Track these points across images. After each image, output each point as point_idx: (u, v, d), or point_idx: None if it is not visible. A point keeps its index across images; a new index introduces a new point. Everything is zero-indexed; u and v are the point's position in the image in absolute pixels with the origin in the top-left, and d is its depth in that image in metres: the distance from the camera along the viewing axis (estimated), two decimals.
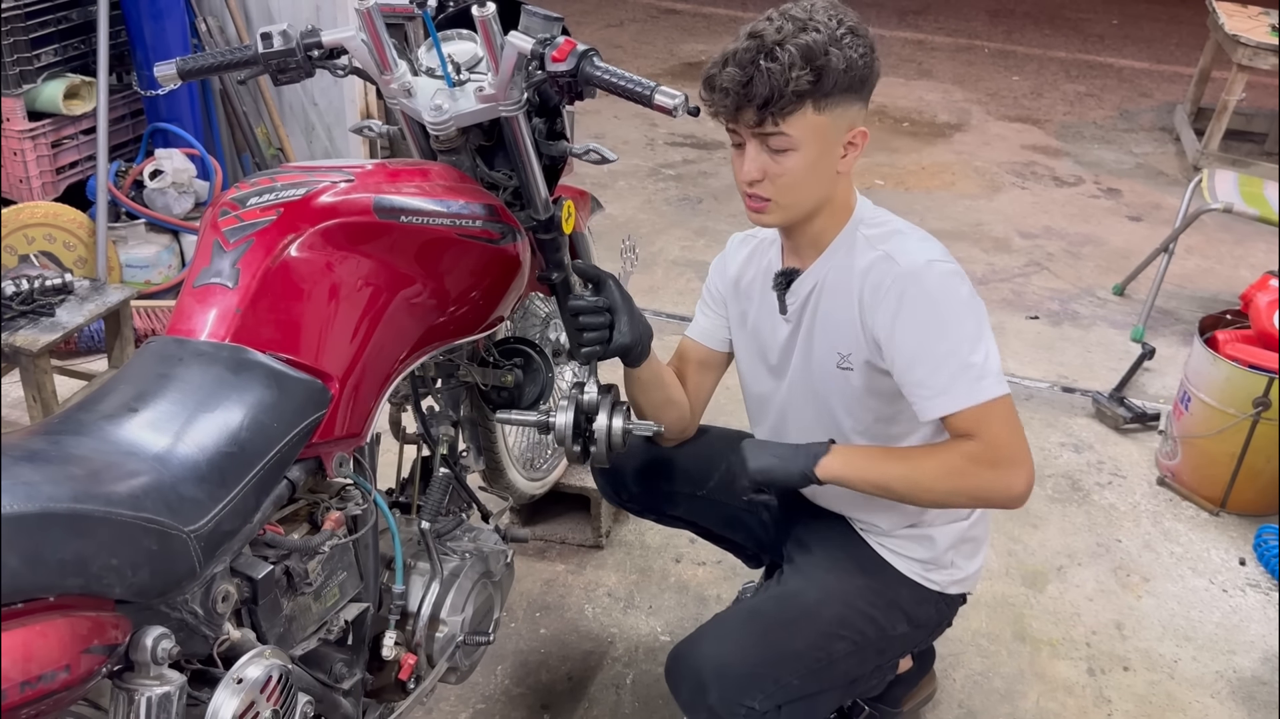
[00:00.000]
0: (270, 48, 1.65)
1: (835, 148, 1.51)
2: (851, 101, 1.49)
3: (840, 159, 1.53)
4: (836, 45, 1.45)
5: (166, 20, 2.95)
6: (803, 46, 1.44)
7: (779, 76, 1.43)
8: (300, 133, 3.31)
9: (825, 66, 1.44)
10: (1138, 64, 6.41)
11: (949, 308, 1.49)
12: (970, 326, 1.49)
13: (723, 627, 1.63)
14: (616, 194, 4.27)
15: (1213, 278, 3.82)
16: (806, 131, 1.47)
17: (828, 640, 1.60)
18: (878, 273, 1.53)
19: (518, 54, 1.55)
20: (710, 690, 1.52)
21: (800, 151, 1.49)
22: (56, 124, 2.97)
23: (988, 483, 1.48)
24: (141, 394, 1.17)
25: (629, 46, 6.23)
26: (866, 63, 1.49)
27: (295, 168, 1.45)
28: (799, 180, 1.51)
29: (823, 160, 1.51)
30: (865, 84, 1.50)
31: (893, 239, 1.56)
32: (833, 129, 1.49)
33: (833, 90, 1.45)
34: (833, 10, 1.49)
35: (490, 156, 1.75)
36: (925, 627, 1.73)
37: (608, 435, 1.68)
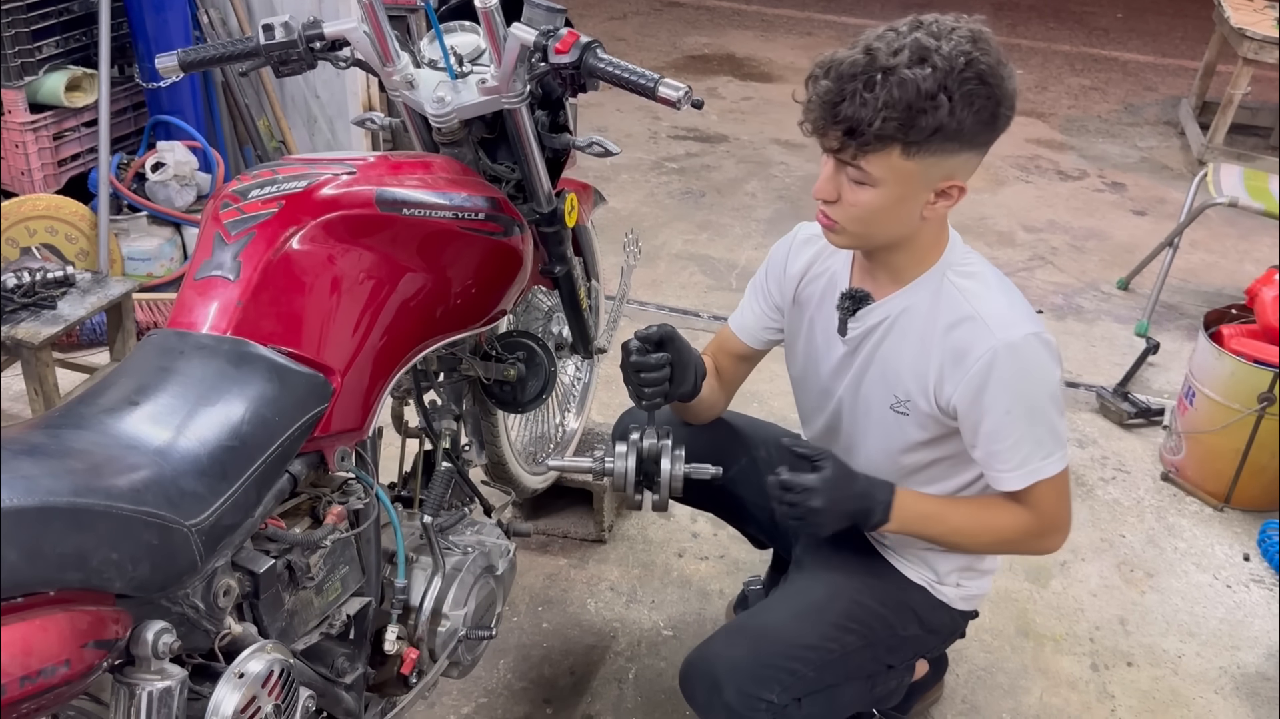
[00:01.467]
0: (272, 39, 1.65)
1: (921, 194, 1.40)
2: (954, 152, 1.35)
3: (927, 205, 1.41)
4: (948, 93, 1.29)
5: (168, 12, 2.94)
6: (908, 84, 1.29)
7: (869, 110, 1.30)
8: (302, 125, 3.30)
9: (925, 114, 1.29)
10: (1142, 58, 6.38)
11: (1040, 390, 1.45)
12: (1055, 407, 1.46)
13: (733, 627, 1.64)
14: (619, 187, 4.26)
15: (1217, 272, 3.80)
16: (888, 173, 1.36)
17: (839, 632, 1.59)
18: (967, 336, 1.45)
19: (520, 46, 1.54)
20: (726, 688, 1.52)
21: (878, 190, 1.38)
22: (58, 116, 2.97)
23: (1030, 547, 1.58)
24: (142, 387, 1.17)
25: (632, 39, 6.22)
26: (985, 118, 1.33)
27: (297, 160, 1.44)
28: (871, 217, 1.42)
29: (903, 205, 1.41)
30: (977, 137, 1.36)
31: (983, 298, 1.47)
32: (921, 176, 1.37)
33: (929, 140, 1.32)
34: (969, 46, 1.31)
35: (493, 149, 1.74)
36: (938, 632, 1.73)
37: (669, 481, 1.61)
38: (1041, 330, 1.45)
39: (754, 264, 3.75)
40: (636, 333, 1.62)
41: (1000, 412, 1.44)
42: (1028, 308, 1.49)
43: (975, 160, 1.41)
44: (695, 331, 3.30)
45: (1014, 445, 1.46)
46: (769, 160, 4.65)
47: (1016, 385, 1.43)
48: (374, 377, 1.38)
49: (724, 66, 5.85)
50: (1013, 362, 1.42)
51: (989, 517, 1.54)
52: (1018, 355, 1.42)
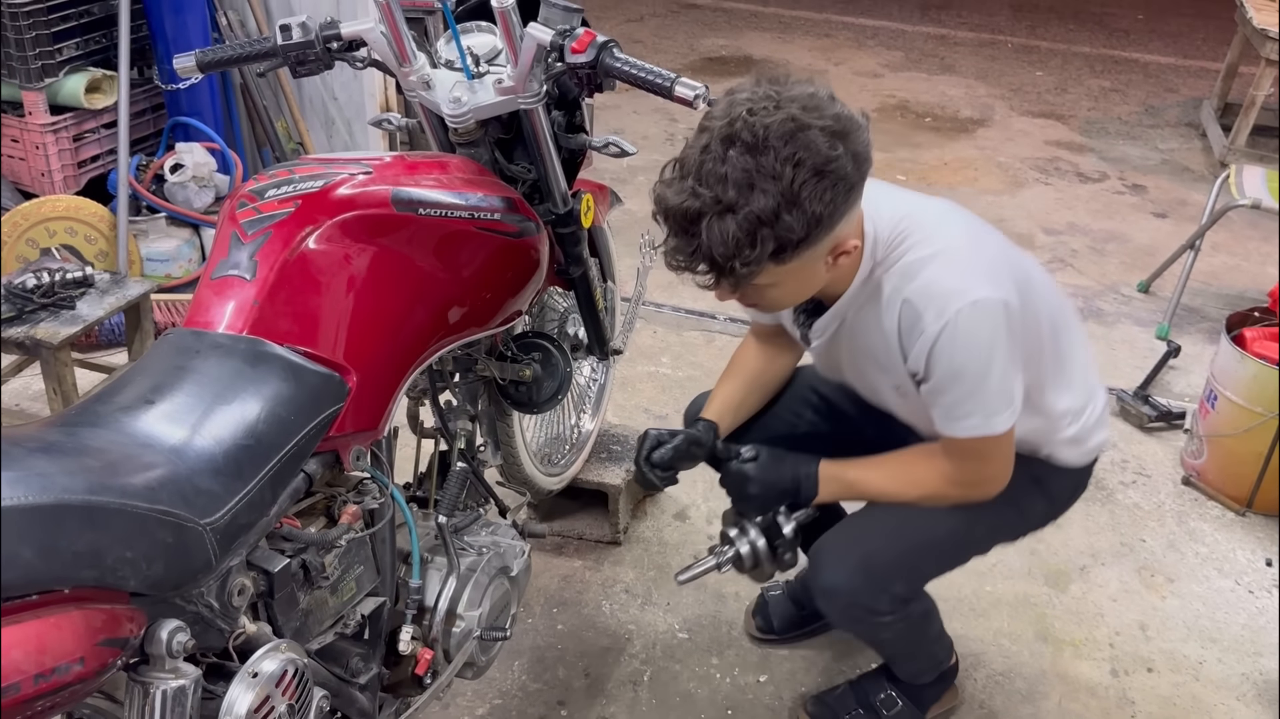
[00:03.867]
0: (289, 40, 1.65)
1: (818, 266, 1.42)
2: (828, 233, 1.36)
3: (830, 265, 1.44)
4: (790, 205, 1.29)
5: (187, 14, 2.96)
6: (748, 219, 1.29)
7: (723, 253, 1.31)
8: (320, 127, 3.32)
9: (777, 233, 1.30)
10: (1163, 59, 6.33)
11: (975, 354, 1.47)
12: (996, 367, 1.48)
13: (865, 520, 1.72)
14: (636, 189, 4.25)
15: (1239, 275, 3.76)
16: (776, 276, 1.38)
17: (969, 525, 1.68)
18: (906, 319, 1.49)
19: (537, 45, 1.54)
20: (856, 578, 1.64)
21: (775, 288, 1.42)
22: (78, 118, 2.98)
23: (957, 498, 1.62)
24: (158, 386, 1.17)
25: (649, 41, 6.21)
26: (839, 197, 1.32)
27: (313, 160, 1.44)
28: (780, 304, 1.52)
29: (807, 282, 1.46)
30: (838, 211, 1.34)
31: (912, 278, 1.48)
32: (808, 262, 1.39)
33: (796, 246, 1.33)
34: (790, 146, 1.28)
35: (509, 149, 1.74)
36: (1059, 499, 1.78)
37: (794, 539, 1.70)
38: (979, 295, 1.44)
39: None
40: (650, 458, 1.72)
41: (943, 378, 1.49)
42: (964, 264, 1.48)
43: (854, 215, 1.41)
44: (712, 333, 3.29)
45: (955, 403, 1.50)
46: None
47: (953, 357, 1.46)
48: (390, 376, 1.37)
49: (741, 68, 5.83)
50: (945, 337, 1.45)
51: (912, 474, 1.64)
52: (947, 331, 1.44)
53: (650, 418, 2.86)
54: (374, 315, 1.34)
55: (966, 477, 1.59)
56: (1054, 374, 1.63)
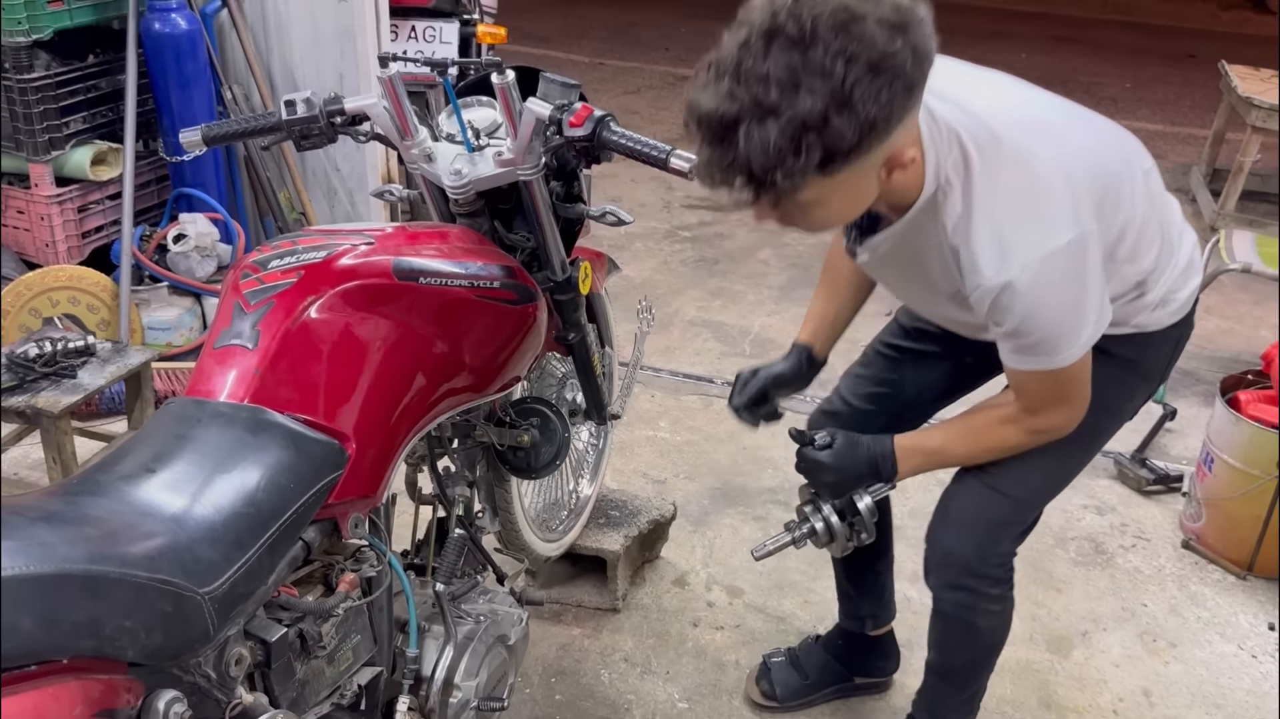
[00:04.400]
0: (294, 115, 1.68)
1: (870, 180, 1.28)
2: (882, 139, 1.20)
3: (884, 180, 1.29)
4: (841, 106, 1.14)
5: (193, 88, 3.02)
6: (793, 122, 1.14)
7: (762, 163, 1.17)
8: (322, 197, 3.37)
9: (824, 139, 1.15)
10: (1152, 126, 6.44)
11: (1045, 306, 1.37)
12: (1071, 310, 1.39)
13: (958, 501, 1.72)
14: (634, 255, 4.30)
15: (1233, 338, 3.79)
16: (822, 192, 1.24)
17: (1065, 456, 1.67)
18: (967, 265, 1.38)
19: (536, 120, 1.58)
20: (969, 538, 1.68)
21: (822, 208, 1.28)
22: (83, 189, 3.03)
23: (1039, 442, 1.57)
24: (159, 455, 1.18)
25: (646, 112, 6.32)
26: (897, 95, 1.16)
27: (317, 231, 1.47)
28: (828, 224, 1.37)
29: (856, 198, 1.31)
30: (898, 112, 1.18)
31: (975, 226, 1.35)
32: (858, 175, 1.24)
33: (845, 155, 1.18)
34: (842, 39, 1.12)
35: (509, 218, 1.77)
36: (1155, 369, 1.69)
37: (869, 516, 1.70)
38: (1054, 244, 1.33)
39: (767, 331, 3.77)
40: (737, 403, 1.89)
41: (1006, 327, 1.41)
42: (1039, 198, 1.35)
43: (912, 120, 1.26)
44: (710, 397, 3.30)
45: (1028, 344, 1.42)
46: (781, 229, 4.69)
47: (1021, 311, 1.37)
48: (388, 443, 1.38)
49: None
50: (1014, 298, 1.35)
51: (989, 430, 1.60)
52: (1018, 291, 1.34)
53: (648, 482, 2.86)
54: (374, 383, 1.35)
55: (1044, 420, 1.53)
56: (1131, 247, 1.49)
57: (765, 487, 2.87)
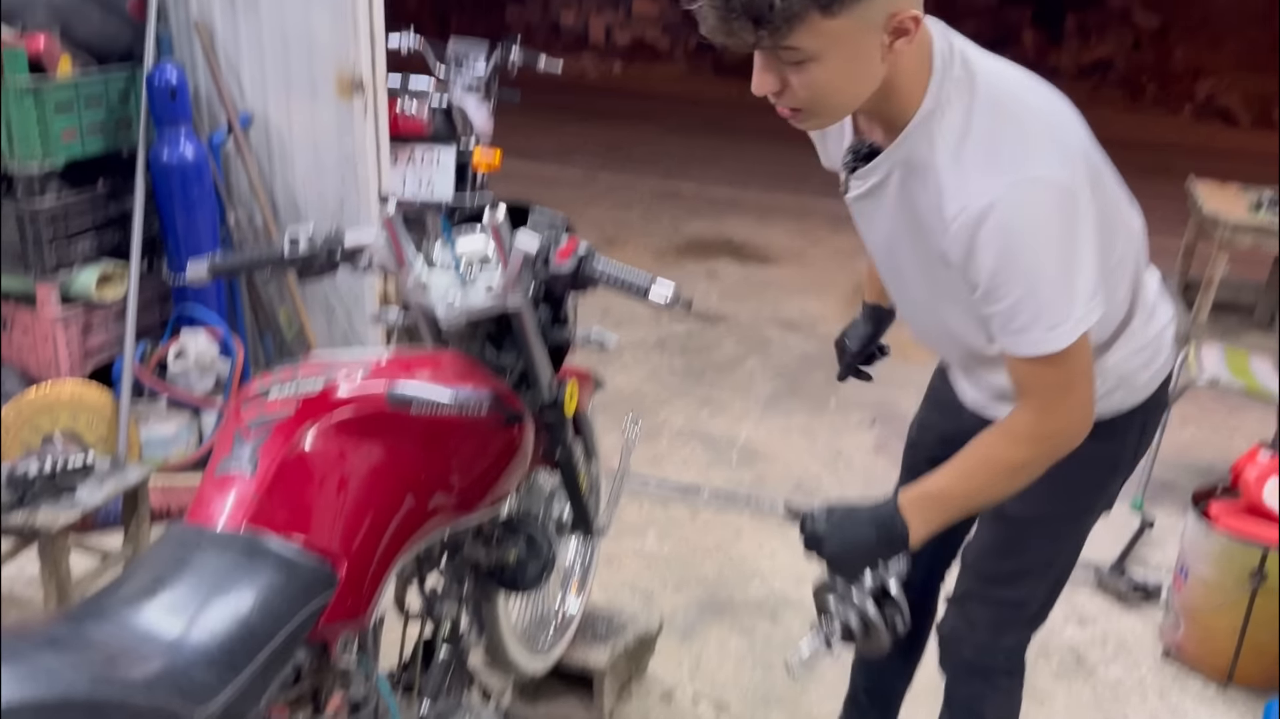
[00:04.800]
0: (296, 250, 1.78)
1: (870, 42, 1.25)
2: None
3: (887, 49, 1.26)
4: None
5: (198, 212, 3.14)
6: None
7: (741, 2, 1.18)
8: (321, 314, 3.46)
9: None
10: None
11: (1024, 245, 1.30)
12: (1050, 266, 1.31)
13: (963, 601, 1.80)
14: (624, 366, 4.40)
15: (1209, 448, 3.87)
16: (822, 40, 1.22)
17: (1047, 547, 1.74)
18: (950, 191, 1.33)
19: (525, 254, 1.68)
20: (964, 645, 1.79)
21: (820, 62, 1.24)
22: (88, 309, 3.12)
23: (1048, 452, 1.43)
24: (159, 579, 1.24)
25: (637, 225, 6.50)
26: None
27: (316, 361, 1.55)
28: (826, 91, 1.29)
29: (857, 61, 1.26)
30: None
31: (969, 144, 1.32)
32: (859, 28, 1.23)
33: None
34: None
35: (498, 341, 1.86)
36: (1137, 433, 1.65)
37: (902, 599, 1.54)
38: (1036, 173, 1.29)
39: (753, 441, 3.84)
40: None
41: (989, 276, 1.32)
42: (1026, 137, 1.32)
43: None
44: (698, 508, 3.35)
45: (1011, 309, 1.33)
46: (767, 339, 4.80)
47: (999, 247, 1.30)
48: (378, 565, 1.44)
49: (723, 250, 6.10)
50: (993, 224, 1.29)
51: (992, 454, 1.45)
52: (998, 216, 1.28)
53: (635, 594, 2.89)
54: (365, 508, 1.42)
55: (1051, 420, 1.41)
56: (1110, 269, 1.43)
57: (752, 598, 2.90)
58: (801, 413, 4.06)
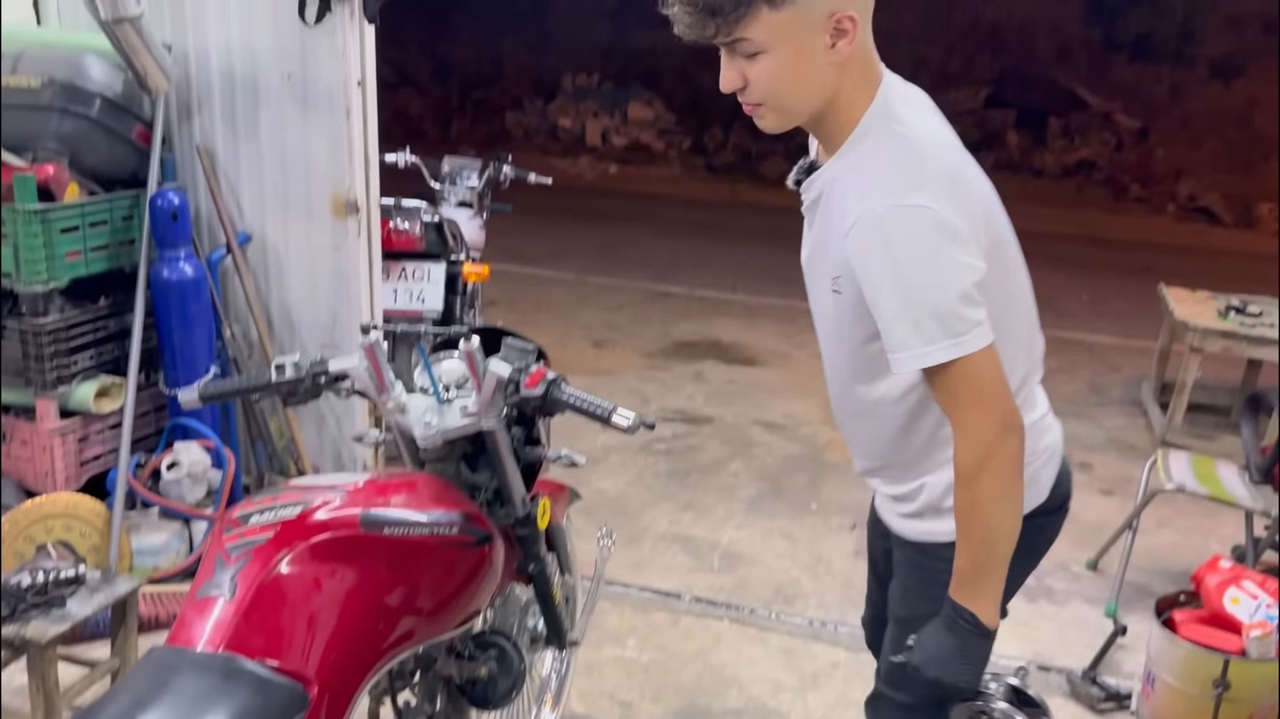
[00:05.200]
0: (283, 377, 1.90)
1: (815, 39, 1.43)
2: None
3: (829, 49, 1.44)
4: None
5: (196, 328, 3.26)
6: None
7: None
8: (312, 425, 3.57)
9: None
10: (1108, 339, 6.78)
11: (906, 259, 1.42)
12: (925, 278, 1.41)
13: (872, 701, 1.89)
14: (609, 469, 4.48)
15: (1183, 552, 3.93)
16: (770, 32, 1.41)
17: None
18: (851, 203, 1.47)
19: (497, 379, 1.80)
20: None
21: (771, 54, 1.43)
22: (85, 421, 3.22)
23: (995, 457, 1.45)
24: (140, 702, 1.32)
25: (627, 328, 6.64)
26: None
27: (295, 486, 1.65)
28: (779, 82, 1.46)
29: (803, 57, 1.44)
30: None
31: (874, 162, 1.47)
32: (803, 22, 1.41)
33: None
34: None
35: (473, 461, 1.96)
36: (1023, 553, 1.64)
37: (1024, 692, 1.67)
38: (907, 204, 1.41)
39: (736, 544, 3.90)
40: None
41: (872, 286, 1.45)
42: (917, 170, 1.45)
43: None
44: (678, 613, 3.40)
45: (886, 325, 1.45)
46: (751, 441, 4.89)
47: (874, 259, 1.42)
48: (349, 683, 1.52)
49: (710, 351, 6.23)
50: (870, 232, 1.42)
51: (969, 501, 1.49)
52: (876, 227, 1.41)
53: (614, 704, 2.92)
54: (337, 629, 1.50)
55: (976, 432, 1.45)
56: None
57: (730, 708, 2.94)
58: (784, 515, 4.13)
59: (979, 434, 1.45)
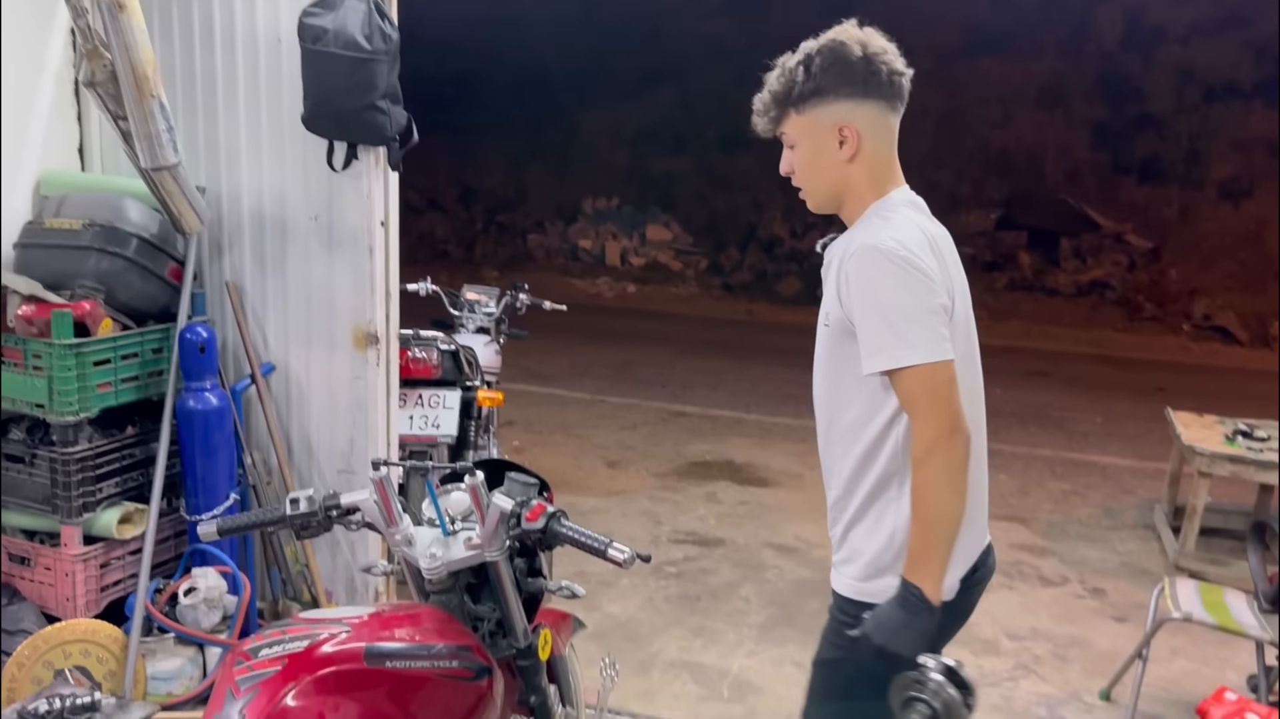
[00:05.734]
0: (297, 510, 1.99)
1: (828, 140, 1.94)
2: (831, 101, 1.93)
3: (839, 150, 1.94)
4: (808, 64, 1.93)
5: (218, 455, 3.37)
6: (785, 69, 1.97)
7: (769, 94, 1.98)
8: (326, 551, 3.64)
9: (796, 82, 1.94)
10: (1121, 461, 6.79)
11: (880, 282, 1.83)
12: (891, 296, 1.82)
13: None
14: (619, 593, 4.50)
15: (1198, 681, 3.88)
16: (797, 131, 1.97)
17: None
18: (845, 249, 1.91)
19: (500, 513, 1.89)
20: None
21: (800, 148, 1.98)
22: (107, 546, 3.31)
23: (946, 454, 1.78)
24: None
25: (640, 448, 6.72)
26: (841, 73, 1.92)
27: (303, 620, 1.73)
28: (806, 169, 1.99)
29: (821, 153, 1.96)
30: (843, 88, 1.92)
31: (868, 225, 1.93)
32: (818, 126, 1.94)
33: (801, 96, 1.93)
34: (833, 35, 1.96)
35: (477, 592, 2.03)
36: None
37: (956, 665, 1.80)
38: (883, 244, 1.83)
39: (746, 672, 3.89)
40: None
41: (854, 307, 1.86)
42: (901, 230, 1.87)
43: (859, 109, 1.93)
44: None
45: (865, 336, 1.85)
46: (763, 564, 4.90)
47: (863, 282, 1.85)
48: None
49: (724, 472, 6.29)
50: (854, 264, 1.85)
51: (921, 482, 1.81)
52: (858, 260, 1.85)
53: None
54: None
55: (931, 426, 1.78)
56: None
57: None
58: (795, 642, 4.12)
59: (932, 427, 1.79)
